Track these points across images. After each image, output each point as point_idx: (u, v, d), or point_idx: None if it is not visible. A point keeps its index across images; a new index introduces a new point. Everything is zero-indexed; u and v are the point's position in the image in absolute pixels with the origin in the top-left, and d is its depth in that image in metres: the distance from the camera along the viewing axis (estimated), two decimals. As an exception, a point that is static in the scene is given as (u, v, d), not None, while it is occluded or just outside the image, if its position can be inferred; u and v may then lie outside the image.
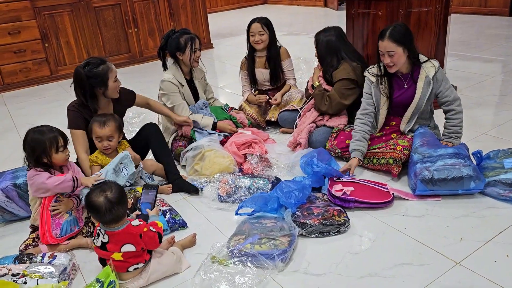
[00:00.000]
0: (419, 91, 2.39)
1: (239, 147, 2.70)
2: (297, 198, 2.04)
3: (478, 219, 1.99)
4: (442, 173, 2.08)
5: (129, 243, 1.69)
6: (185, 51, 2.78)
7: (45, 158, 2.01)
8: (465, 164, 2.10)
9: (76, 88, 2.36)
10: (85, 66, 2.30)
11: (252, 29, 3.11)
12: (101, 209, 1.67)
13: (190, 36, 2.78)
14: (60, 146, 2.03)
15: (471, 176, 2.06)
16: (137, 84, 4.63)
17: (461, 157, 2.15)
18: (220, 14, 9.73)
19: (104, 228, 1.71)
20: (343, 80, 2.73)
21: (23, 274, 1.72)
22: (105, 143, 2.31)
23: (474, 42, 5.18)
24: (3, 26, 4.86)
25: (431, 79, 2.37)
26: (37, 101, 4.65)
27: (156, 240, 1.74)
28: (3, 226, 2.33)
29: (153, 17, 5.78)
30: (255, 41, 3.11)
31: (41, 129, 2.04)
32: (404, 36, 2.31)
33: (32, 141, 2.00)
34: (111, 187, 1.72)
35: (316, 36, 2.86)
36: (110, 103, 2.48)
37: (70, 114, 2.37)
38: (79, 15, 5.27)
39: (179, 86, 2.84)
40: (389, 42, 2.30)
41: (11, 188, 2.26)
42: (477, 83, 3.79)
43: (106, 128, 2.28)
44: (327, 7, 9.17)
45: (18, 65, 5.06)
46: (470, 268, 1.70)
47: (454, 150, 2.21)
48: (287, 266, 1.80)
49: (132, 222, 1.73)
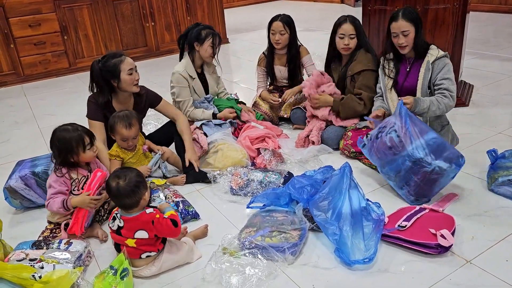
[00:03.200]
0: (421, 76, 2.43)
1: (253, 141, 2.72)
2: (309, 193, 2.05)
3: (491, 218, 1.97)
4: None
5: (142, 229, 1.73)
6: (203, 43, 2.81)
7: (73, 157, 2.04)
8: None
9: (91, 80, 2.41)
10: (101, 59, 2.35)
11: (274, 27, 3.09)
12: (111, 193, 1.76)
13: (212, 32, 2.82)
14: (87, 145, 2.06)
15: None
16: (153, 77, 4.68)
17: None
18: (236, 9, 9.74)
19: (121, 213, 1.77)
20: (363, 72, 2.70)
21: (40, 259, 1.78)
22: (130, 143, 2.35)
23: (493, 40, 5.10)
24: (24, 19, 4.96)
25: (430, 65, 2.40)
26: (56, 92, 4.74)
27: (170, 225, 1.74)
28: (21, 213, 2.40)
29: (170, 12, 5.83)
30: (275, 40, 3.10)
31: (67, 128, 2.05)
32: (416, 15, 2.40)
33: (58, 142, 2.02)
34: (126, 177, 1.75)
35: (353, 20, 2.73)
36: (131, 98, 2.51)
37: (90, 105, 2.42)
38: (98, 9, 5.34)
39: (189, 79, 2.87)
40: (403, 21, 2.36)
41: (30, 176, 2.32)
42: (495, 82, 3.73)
43: (133, 129, 2.31)
44: (343, 4, 9.10)
45: (38, 57, 5.16)
46: (481, 266, 1.69)
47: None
48: (297, 259, 1.82)
49: (146, 210, 1.77)
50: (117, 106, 2.46)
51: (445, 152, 2.04)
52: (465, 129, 2.84)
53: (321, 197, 1.92)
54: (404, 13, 2.38)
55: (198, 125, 2.80)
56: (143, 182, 1.79)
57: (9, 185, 2.31)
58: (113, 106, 2.45)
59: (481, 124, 2.92)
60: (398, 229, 1.86)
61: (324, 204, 1.90)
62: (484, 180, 2.26)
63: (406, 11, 2.39)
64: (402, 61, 2.54)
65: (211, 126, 2.80)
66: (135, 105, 2.53)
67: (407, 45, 2.40)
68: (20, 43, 5.01)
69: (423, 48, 2.44)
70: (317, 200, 1.92)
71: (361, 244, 1.78)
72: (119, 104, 2.46)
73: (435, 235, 1.77)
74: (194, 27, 2.86)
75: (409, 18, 2.37)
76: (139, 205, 1.76)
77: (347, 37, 2.71)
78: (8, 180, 2.36)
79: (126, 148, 2.38)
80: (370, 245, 1.78)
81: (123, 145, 2.37)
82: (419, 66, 2.45)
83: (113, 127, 2.32)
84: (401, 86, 2.55)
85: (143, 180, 1.80)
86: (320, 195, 1.93)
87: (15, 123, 3.88)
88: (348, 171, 1.94)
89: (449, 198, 2.12)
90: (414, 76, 2.47)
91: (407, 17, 2.37)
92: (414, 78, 2.47)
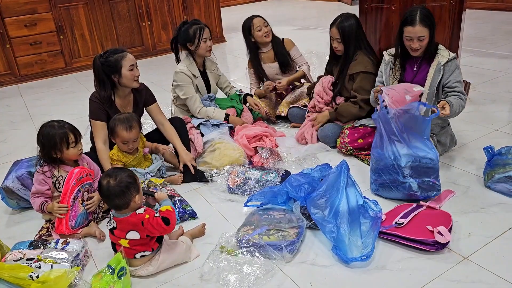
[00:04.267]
0: (430, 77, 2.35)
1: (250, 140, 2.72)
2: (306, 191, 2.05)
3: (488, 215, 1.98)
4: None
5: (134, 230, 1.72)
6: (195, 41, 2.81)
7: (56, 153, 2.06)
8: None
9: (94, 76, 2.40)
10: (102, 55, 2.35)
11: (256, 24, 3.11)
12: (102, 192, 1.75)
13: (199, 26, 2.80)
14: (72, 142, 2.06)
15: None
16: (150, 76, 4.67)
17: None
18: (233, 8, 9.73)
19: (113, 214, 1.77)
20: (361, 74, 2.67)
21: (37, 259, 1.77)
22: (131, 145, 2.35)
23: (490, 38, 5.10)
24: (20, 18, 4.94)
25: (442, 66, 2.32)
26: (52, 92, 4.72)
27: (161, 224, 1.71)
28: (18, 213, 2.39)
29: (166, 11, 5.82)
30: (264, 33, 3.12)
31: (53, 124, 2.06)
32: (433, 19, 2.28)
33: (43, 137, 2.04)
34: (117, 177, 1.73)
35: (340, 25, 2.68)
36: (131, 95, 2.51)
37: (92, 104, 2.40)
38: (94, 8, 5.32)
39: (193, 77, 2.87)
40: (421, 26, 2.23)
41: (26, 176, 2.31)
42: (492, 79, 3.74)
43: (133, 131, 2.31)
44: (340, 2, 9.09)
45: (34, 57, 5.15)
46: (477, 263, 1.70)
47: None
48: (294, 257, 1.82)
49: (137, 211, 1.75)
50: (118, 102, 2.46)
51: (426, 177, 2.06)
52: (462, 126, 2.85)
53: (319, 195, 1.92)
54: (422, 18, 2.23)
55: (195, 124, 2.79)
56: (134, 184, 1.75)
57: (5, 185, 2.30)
58: (115, 102, 2.44)
59: (478, 121, 2.93)
60: (396, 226, 1.86)
61: (322, 202, 1.90)
62: (480, 177, 2.27)
63: (423, 15, 2.23)
64: (408, 60, 2.46)
65: (208, 126, 2.80)
66: (134, 101, 2.53)
67: (420, 49, 2.31)
68: (16, 43, 4.99)
69: (434, 49, 2.36)
70: (314, 198, 1.92)
71: (358, 242, 1.79)
72: (120, 99, 2.46)
73: (432, 232, 1.77)
74: (181, 27, 2.86)
75: (427, 23, 2.24)
76: (130, 207, 1.74)
77: (335, 40, 2.73)
78: (5, 180, 2.35)
79: (127, 151, 2.37)
80: (368, 242, 1.78)
81: (124, 148, 2.36)
82: (427, 66, 2.38)
83: (113, 129, 2.31)
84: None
85: (134, 181, 1.76)
86: (318, 193, 1.93)
87: (12, 123, 3.87)
88: (345, 169, 1.94)
89: (445, 195, 2.13)
90: (421, 76, 2.40)
91: (425, 23, 2.23)
92: (421, 78, 2.40)
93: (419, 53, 2.35)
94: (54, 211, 2.00)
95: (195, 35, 2.79)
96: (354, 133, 2.63)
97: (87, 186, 2.09)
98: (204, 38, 2.81)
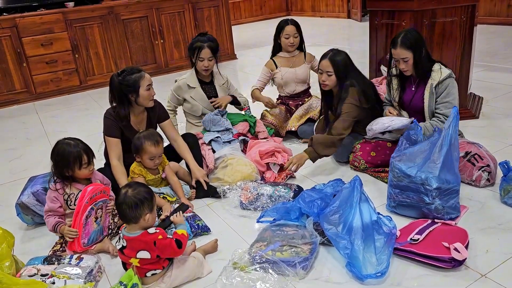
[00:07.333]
0: (426, 99, 2.46)
1: (262, 156, 2.72)
2: (319, 207, 2.04)
3: (505, 231, 1.94)
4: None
5: (144, 250, 1.71)
6: (194, 56, 2.88)
7: (68, 172, 2.09)
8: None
9: (110, 94, 2.43)
10: (120, 73, 2.39)
11: (287, 31, 3.17)
12: (118, 199, 1.77)
13: (199, 45, 2.84)
14: (84, 163, 2.09)
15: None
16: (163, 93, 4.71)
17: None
18: (244, 26, 9.86)
19: (123, 233, 1.76)
20: (347, 104, 2.56)
21: (51, 275, 1.78)
22: (157, 161, 2.36)
23: (502, 52, 5.08)
24: (36, 38, 5.07)
25: (433, 88, 2.41)
26: (67, 109, 4.80)
27: (173, 246, 1.72)
28: (33, 229, 2.42)
29: (179, 29, 5.92)
30: (290, 43, 3.18)
31: (69, 142, 2.10)
32: (414, 41, 2.38)
33: (57, 155, 2.08)
34: (137, 188, 1.76)
35: (332, 59, 2.58)
36: (144, 112, 2.54)
37: (106, 121, 2.43)
38: (108, 27, 5.44)
39: (187, 88, 2.94)
40: (401, 49, 2.39)
41: (41, 192, 2.34)
42: (504, 94, 3.71)
43: (160, 146, 2.33)
44: (350, 19, 9.17)
45: (50, 75, 5.26)
46: (496, 280, 1.66)
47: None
48: (308, 274, 1.80)
49: (149, 230, 1.75)
50: (132, 119, 2.48)
51: (451, 199, 2.01)
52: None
53: (332, 211, 1.91)
54: (402, 40, 2.38)
55: (206, 141, 2.81)
56: (150, 201, 1.76)
57: (21, 201, 2.33)
58: (130, 119, 2.47)
59: (492, 136, 2.90)
60: (411, 242, 1.83)
61: (335, 217, 1.89)
62: (496, 192, 2.24)
63: (404, 38, 2.37)
64: (407, 80, 2.55)
65: (219, 142, 2.81)
66: (148, 118, 2.56)
67: (407, 70, 2.44)
68: (33, 62, 5.11)
69: (425, 70, 2.44)
70: (327, 214, 1.91)
71: (373, 258, 1.76)
72: (134, 116, 2.49)
73: (449, 248, 1.74)
74: (195, 37, 2.94)
75: (407, 45, 2.36)
76: (139, 223, 1.74)
77: (324, 73, 2.63)
78: (20, 196, 2.38)
79: (152, 167, 2.38)
80: (382, 259, 1.75)
81: (150, 165, 2.35)
82: (423, 87, 2.47)
83: (139, 147, 2.30)
84: (408, 105, 2.57)
85: (150, 199, 1.77)
86: (331, 209, 1.92)
87: (27, 139, 3.94)
88: (358, 184, 1.93)
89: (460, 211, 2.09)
90: (418, 97, 2.49)
91: (405, 45, 2.37)
92: (419, 100, 2.50)
93: (410, 73, 2.48)
94: (64, 234, 2.03)
95: (194, 51, 2.86)
96: (366, 147, 2.62)
97: (101, 203, 2.10)
98: (201, 58, 2.84)
